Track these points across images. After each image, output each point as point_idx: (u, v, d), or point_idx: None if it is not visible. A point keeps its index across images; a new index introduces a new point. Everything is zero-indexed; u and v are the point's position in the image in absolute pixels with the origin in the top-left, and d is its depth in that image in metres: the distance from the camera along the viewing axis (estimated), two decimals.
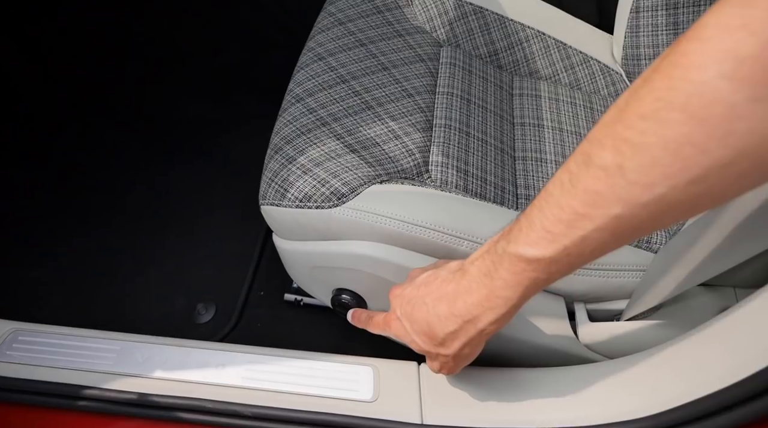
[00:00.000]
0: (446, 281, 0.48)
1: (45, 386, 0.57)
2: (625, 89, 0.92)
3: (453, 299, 0.47)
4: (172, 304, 0.99)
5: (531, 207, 0.41)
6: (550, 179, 0.40)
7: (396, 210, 0.61)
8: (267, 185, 0.67)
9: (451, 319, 0.47)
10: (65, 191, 1.16)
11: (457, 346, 0.48)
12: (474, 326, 0.46)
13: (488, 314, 0.45)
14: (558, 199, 0.38)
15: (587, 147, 0.36)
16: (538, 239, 0.39)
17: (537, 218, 0.40)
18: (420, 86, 0.78)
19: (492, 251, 0.44)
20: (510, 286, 0.42)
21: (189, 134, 1.25)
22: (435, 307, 0.48)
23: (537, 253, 0.40)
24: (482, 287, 0.44)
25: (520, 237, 0.41)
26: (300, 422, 0.56)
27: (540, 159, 0.77)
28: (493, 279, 0.43)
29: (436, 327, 0.48)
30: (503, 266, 0.42)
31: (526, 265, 0.41)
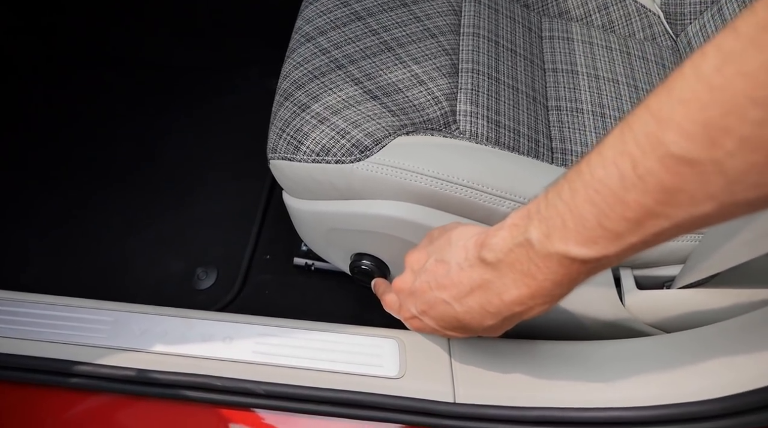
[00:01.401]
0: (462, 272, 0.42)
1: (32, 362, 0.52)
2: (663, 34, 0.85)
3: (485, 297, 0.41)
4: (168, 269, 0.92)
5: (572, 191, 0.33)
6: (594, 156, 0.32)
7: (429, 165, 0.54)
8: (277, 137, 0.59)
9: (488, 316, 0.41)
10: (48, 144, 1.08)
11: (500, 332, 0.44)
12: (517, 318, 0.41)
13: (534, 309, 0.39)
14: (618, 192, 0.30)
15: (655, 128, 0.28)
16: (595, 238, 0.32)
17: (588, 211, 0.32)
18: (443, 26, 0.70)
19: (524, 243, 0.37)
20: (562, 285, 0.36)
21: (181, 82, 1.17)
22: (462, 304, 0.42)
23: (596, 253, 0.33)
24: (523, 286, 0.38)
25: (567, 233, 0.33)
26: (319, 401, 0.51)
27: (576, 109, 0.70)
28: (537, 280, 0.37)
29: (471, 322, 0.43)
30: (550, 267, 0.36)
31: (581, 265, 0.34)
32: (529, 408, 0.49)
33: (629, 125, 0.30)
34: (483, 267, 0.40)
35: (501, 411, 0.49)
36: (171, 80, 1.17)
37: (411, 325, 0.49)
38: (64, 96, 1.15)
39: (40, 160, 1.06)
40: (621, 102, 0.71)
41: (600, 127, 0.68)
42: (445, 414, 0.49)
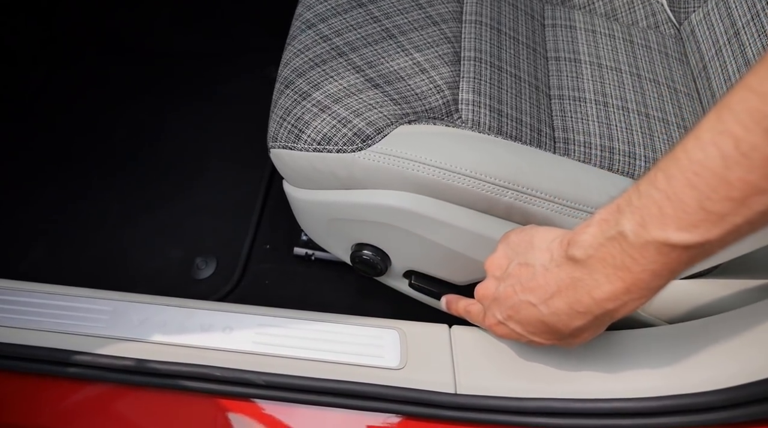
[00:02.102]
0: (550, 274, 0.41)
1: (30, 351, 0.52)
2: (666, 22, 0.84)
3: (573, 296, 0.40)
4: (167, 257, 0.92)
5: (667, 178, 0.33)
6: (690, 141, 0.31)
7: (431, 155, 0.53)
8: (278, 125, 0.59)
9: (576, 316, 0.40)
10: (47, 132, 1.07)
11: (588, 336, 0.43)
12: (610, 317, 0.40)
13: (629, 305, 0.38)
14: (721, 172, 0.30)
15: (759, 103, 0.28)
16: (696, 222, 0.32)
17: (688, 195, 0.32)
18: (445, 13, 0.69)
19: (616, 236, 0.36)
20: (661, 276, 0.35)
21: (181, 70, 1.16)
22: (549, 306, 0.41)
23: (698, 238, 0.32)
24: (617, 280, 0.37)
25: (666, 221, 0.33)
26: (319, 391, 0.50)
27: (578, 98, 0.69)
28: (632, 272, 0.36)
29: (558, 325, 0.42)
30: (647, 257, 0.34)
31: (682, 252, 0.33)
32: (530, 399, 0.48)
33: (727, 106, 0.30)
34: (571, 266, 0.39)
35: (502, 402, 0.49)
36: (171, 68, 1.16)
37: (497, 332, 0.48)
38: (63, 84, 1.14)
39: (38, 148, 1.05)
40: (624, 91, 0.70)
41: (603, 116, 0.67)
42: (446, 404, 0.49)
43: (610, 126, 0.65)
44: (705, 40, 0.75)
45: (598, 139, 0.64)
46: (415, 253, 0.60)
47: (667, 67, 0.75)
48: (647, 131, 0.66)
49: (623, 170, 0.62)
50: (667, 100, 0.71)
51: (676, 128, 0.68)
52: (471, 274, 0.61)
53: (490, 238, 0.56)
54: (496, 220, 0.56)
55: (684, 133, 0.68)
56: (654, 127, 0.67)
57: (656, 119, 0.68)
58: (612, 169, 0.62)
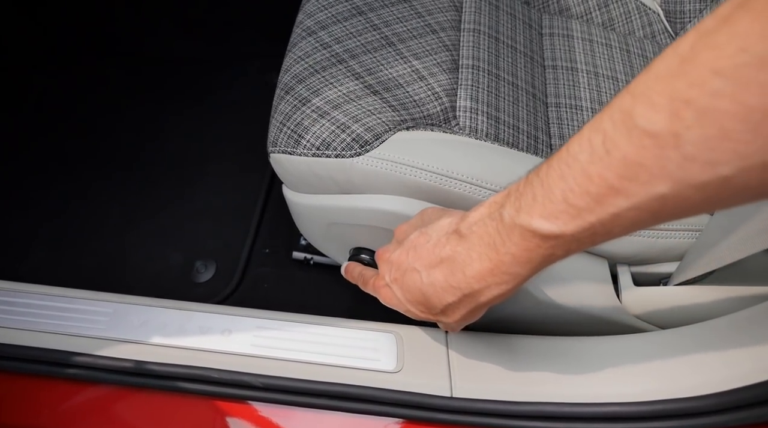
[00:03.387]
0: (439, 245, 0.42)
1: (30, 352, 0.52)
2: (663, 32, 0.85)
3: (450, 269, 0.41)
4: (167, 261, 0.92)
5: (548, 168, 0.33)
6: (574, 136, 0.32)
7: (428, 160, 0.54)
8: (278, 130, 0.59)
9: (449, 291, 0.41)
10: (47, 136, 1.07)
11: (458, 316, 0.43)
12: (475, 299, 0.41)
13: (492, 289, 0.39)
14: (585, 166, 0.31)
15: (629, 103, 0.28)
16: (557, 213, 0.32)
17: (557, 186, 0.32)
18: (444, 21, 0.70)
19: (496, 216, 0.37)
20: (520, 263, 0.36)
21: (182, 75, 1.16)
22: (429, 275, 0.43)
23: (555, 229, 0.33)
24: (485, 260, 0.38)
25: (534, 207, 0.34)
26: (316, 394, 0.51)
27: (575, 106, 0.70)
28: (499, 253, 0.37)
29: (432, 297, 0.43)
30: (512, 239, 0.36)
31: (541, 241, 0.34)
32: (526, 403, 0.49)
33: (610, 105, 0.30)
34: (457, 240, 0.41)
35: (497, 406, 0.49)
36: (171, 73, 1.16)
37: (381, 294, 0.49)
38: (64, 88, 1.15)
39: (39, 151, 1.05)
40: None
41: None
42: (442, 408, 0.49)
43: None
44: None
45: None
46: None
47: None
48: None
49: None
50: None
51: None
52: None
53: None
54: None
55: None
56: None
57: None
58: None
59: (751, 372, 0.42)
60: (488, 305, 0.42)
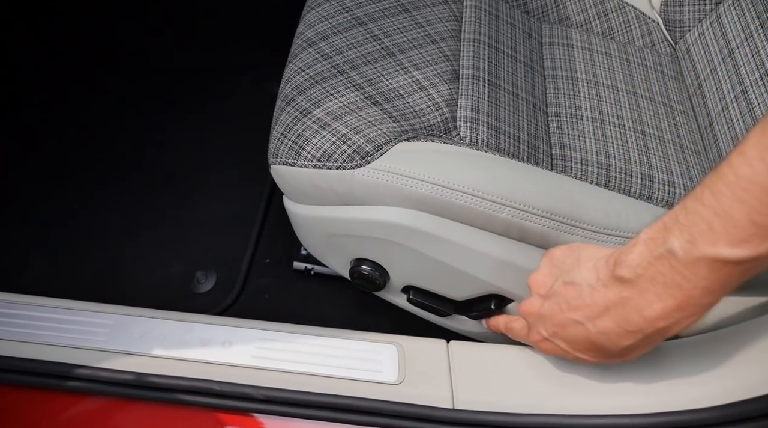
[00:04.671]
0: (596, 293, 0.41)
1: (30, 364, 0.52)
2: (662, 41, 0.85)
3: (622, 315, 0.40)
4: (167, 271, 0.92)
5: (716, 194, 0.33)
6: (735, 158, 0.32)
7: (429, 172, 0.54)
8: (278, 142, 0.59)
9: (626, 336, 0.40)
10: (48, 145, 1.08)
11: (636, 354, 0.43)
12: (661, 335, 0.40)
13: (682, 322, 0.38)
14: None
15: None
16: (747, 237, 0.32)
17: (738, 211, 0.32)
18: (444, 32, 0.70)
19: (667, 255, 0.36)
20: (713, 292, 0.36)
21: (183, 85, 1.16)
22: (596, 325, 0.42)
23: (750, 253, 0.33)
24: (668, 298, 0.37)
25: (716, 237, 0.33)
26: (318, 406, 0.50)
27: (575, 115, 0.70)
28: (684, 290, 0.36)
29: (606, 343, 0.42)
30: (698, 273, 0.35)
31: (734, 268, 0.34)
32: (528, 415, 0.49)
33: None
34: (619, 285, 0.39)
35: (499, 418, 0.49)
36: (172, 83, 1.17)
37: (542, 348, 0.48)
38: (64, 97, 1.15)
39: (39, 161, 1.05)
40: (620, 109, 0.71)
41: (599, 133, 0.68)
42: (444, 420, 0.49)
43: (607, 143, 0.66)
44: (700, 59, 0.76)
45: (595, 156, 0.65)
46: (413, 268, 0.61)
47: (663, 85, 0.76)
48: (643, 148, 0.67)
49: (619, 187, 0.62)
50: (663, 117, 0.72)
51: (671, 146, 0.69)
52: (469, 289, 0.61)
53: (487, 254, 0.56)
54: (493, 236, 0.57)
55: (679, 150, 0.69)
56: (650, 144, 0.68)
57: (652, 137, 0.69)
58: (608, 186, 0.62)
59: (755, 384, 0.42)
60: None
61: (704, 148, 0.71)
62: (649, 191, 0.63)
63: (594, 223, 0.57)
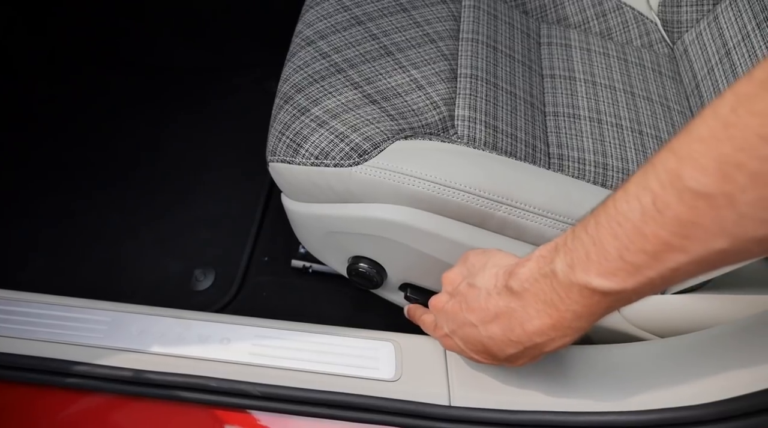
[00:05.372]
0: (490, 299, 0.43)
1: (28, 361, 0.52)
2: (660, 41, 0.85)
3: (507, 325, 0.41)
4: (166, 269, 0.92)
5: (597, 225, 0.34)
6: (619, 192, 0.33)
7: (426, 170, 0.54)
8: (276, 140, 0.60)
9: (509, 344, 0.42)
10: (47, 144, 1.08)
11: (522, 362, 0.44)
12: (539, 350, 0.41)
13: (556, 341, 0.40)
14: (638, 225, 0.31)
15: (675, 164, 0.29)
16: (615, 270, 0.33)
17: (610, 244, 0.33)
18: (443, 31, 0.70)
19: (548, 273, 0.37)
20: (582, 318, 0.37)
21: (182, 84, 1.16)
22: (486, 330, 0.43)
23: (615, 285, 0.33)
24: (545, 316, 0.38)
25: (590, 266, 0.34)
26: (315, 403, 0.50)
27: (573, 115, 0.70)
28: (559, 310, 0.37)
29: (493, 348, 0.43)
30: (572, 297, 0.36)
31: (602, 297, 0.35)
32: (524, 412, 0.49)
33: (653, 164, 0.31)
34: (509, 296, 0.41)
35: (496, 415, 0.49)
36: (171, 81, 1.17)
37: (443, 343, 0.50)
38: (64, 96, 1.15)
39: (39, 159, 1.05)
40: (618, 108, 0.71)
41: (597, 133, 0.68)
42: (440, 417, 0.49)
43: (604, 143, 0.66)
44: (697, 60, 0.77)
45: (592, 155, 0.65)
46: (410, 266, 0.61)
47: (661, 85, 0.77)
48: (640, 147, 0.67)
49: (617, 186, 0.63)
50: (660, 117, 0.72)
51: None
52: None
53: None
54: (489, 234, 0.57)
55: None
56: (647, 144, 0.68)
57: (649, 136, 0.69)
58: (605, 185, 0.63)
59: (750, 381, 0.42)
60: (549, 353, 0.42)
61: None
62: None
63: None
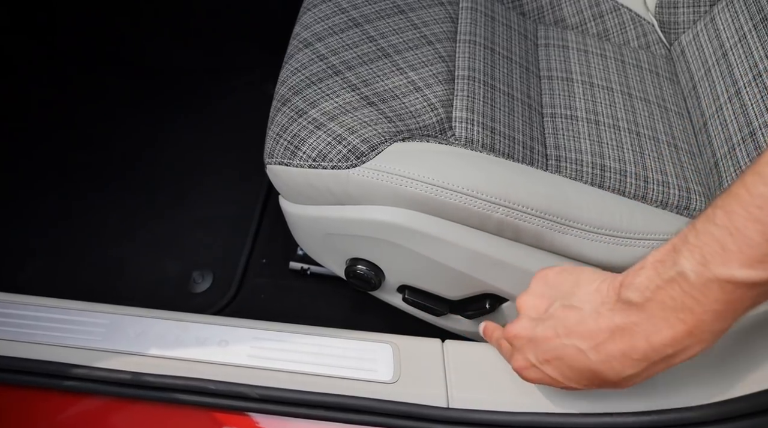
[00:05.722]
0: (602, 318, 0.39)
1: (26, 364, 0.52)
2: (657, 42, 0.85)
3: (628, 342, 0.37)
4: (164, 271, 0.92)
5: (728, 214, 0.32)
6: (748, 177, 0.31)
7: (424, 172, 0.54)
8: (274, 142, 0.60)
9: (631, 364, 0.38)
10: (44, 145, 1.08)
11: (636, 382, 0.40)
12: (668, 363, 0.38)
13: (691, 349, 0.36)
14: None
15: None
16: (762, 256, 0.31)
17: (752, 229, 0.31)
18: (440, 33, 0.70)
19: (677, 278, 0.34)
20: (723, 318, 0.34)
21: (179, 85, 1.17)
22: (598, 352, 0.39)
23: (764, 274, 0.31)
24: (678, 323, 0.35)
25: (729, 257, 0.32)
26: (313, 405, 0.51)
27: (570, 116, 0.70)
28: (695, 313, 0.34)
29: (608, 373, 0.39)
30: (710, 296, 0.33)
31: (747, 291, 0.32)
32: (523, 413, 0.49)
33: None
34: (626, 310, 0.37)
35: (494, 416, 0.49)
36: (169, 83, 1.17)
37: (526, 375, 0.45)
38: (62, 97, 1.15)
39: (36, 161, 1.05)
40: (615, 109, 0.71)
41: (594, 134, 0.68)
42: (438, 418, 0.49)
43: (602, 144, 0.67)
44: (695, 61, 0.77)
45: (590, 156, 0.65)
46: (408, 268, 0.61)
47: (658, 86, 0.77)
48: (638, 148, 0.67)
49: (614, 187, 0.63)
50: (657, 118, 0.72)
51: (666, 146, 0.69)
52: (463, 289, 0.61)
53: (482, 253, 0.56)
54: (488, 236, 0.57)
55: (674, 150, 0.69)
56: (645, 145, 0.68)
57: (647, 138, 0.69)
58: (603, 186, 0.63)
59: (748, 382, 0.42)
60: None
61: (699, 148, 0.71)
62: (643, 192, 0.63)
63: (588, 223, 0.57)
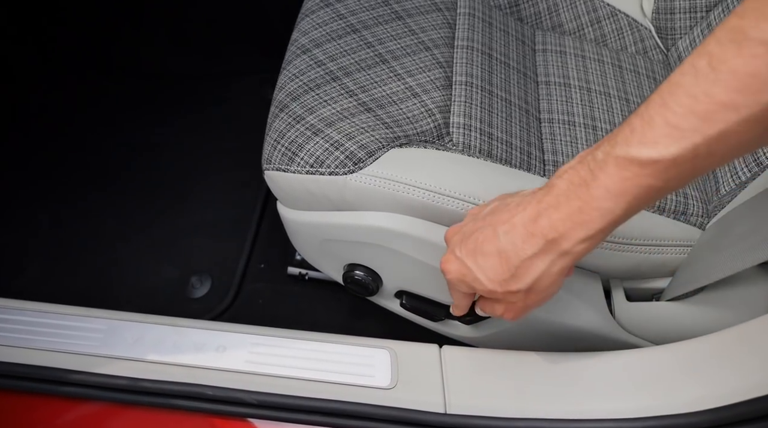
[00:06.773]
0: (522, 204, 0.41)
1: (23, 369, 0.52)
2: (654, 48, 0.86)
3: (533, 219, 0.39)
4: (162, 276, 0.92)
5: (647, 105, 0.34)
6: (675, 71, 0.33)
7: (421, 178, 0.55)
8: (272, 148, 0.60)
9: (530, 240, 0.39)
10: (42, 151, 1.08)
11: (532, 276, 0.40)
12: (558, 246, 0.38)
13: (578, 230, 0.37)
14: (690, 88, 0.31)
15: (737, 22, 0.30)
16: (658, 137, 0.32)
17: (657, 113, 0.33)
18: (438, 39, 0.70)
19: (588, 159, 0.37)
20: (613, 196, 0.35)
21: (177, 90, 1.17)
22: (509, 233, 0.40)
23: (656, 153, 0.33)
24: (574, 199, 0.37)
25: (632, 138, 0.34)
26: (310, 410, 0.51)
27: (568, 121, 0.70)
28: (589, 188, 0.36)
29: (510, 253, 0.40)
30: (606, 171, 0.35)
31: (639, 169, 0.34)
32: (520, 419, 0.49)
33: (712, 33, 0.31)
34: (542, 191, 0.40)
35: (491, 422, 0.49)
36: (167, 88, 1.17)
37: (446, 268, 0.46)
38: (60, 102, 1.15)
39: (34, 166, 1.05)
40: (612, 115, 0.72)
41: (591, 139, 0.68)
42: (436, 424, 0.49)
43: None
44: None
45: None
46: (406, 273, 0.61)
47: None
48: None
49: None
50: None
51: None
52: None
53: None
54: None
55: None
56: None
57: None
58: None
59: (744, 388, 0.43)
60: (569, 260, 0.39)
61: None
62: None
63: None
